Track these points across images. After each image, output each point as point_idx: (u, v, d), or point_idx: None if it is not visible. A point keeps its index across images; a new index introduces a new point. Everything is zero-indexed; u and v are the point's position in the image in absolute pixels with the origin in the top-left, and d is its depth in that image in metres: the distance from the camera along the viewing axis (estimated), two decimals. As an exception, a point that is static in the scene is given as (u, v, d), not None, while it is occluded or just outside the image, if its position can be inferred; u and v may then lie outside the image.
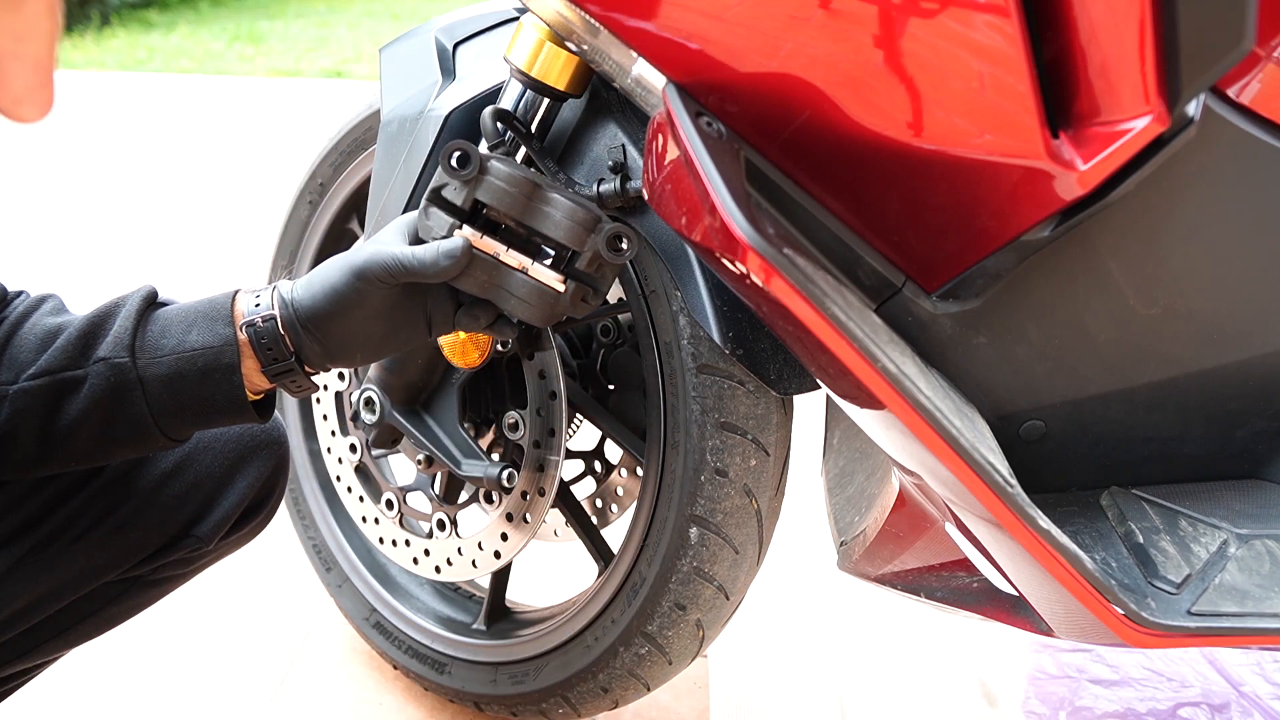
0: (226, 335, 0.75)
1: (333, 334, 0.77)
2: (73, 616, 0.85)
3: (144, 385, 0.73)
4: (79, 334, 0.74)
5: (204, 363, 0.74)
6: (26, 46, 0.41)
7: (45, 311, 0.77)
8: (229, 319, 0.75)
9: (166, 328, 0.75)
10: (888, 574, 0.89)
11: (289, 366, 0.77)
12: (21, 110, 0.42)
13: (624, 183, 0.89)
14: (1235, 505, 0.83)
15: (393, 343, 0.81)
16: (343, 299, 0.76)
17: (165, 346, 0.74)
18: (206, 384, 0.74)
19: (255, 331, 0.75)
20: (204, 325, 0.75)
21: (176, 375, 0.74)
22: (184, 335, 0.74)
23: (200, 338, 0.74)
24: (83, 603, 0.85)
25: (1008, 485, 0.68)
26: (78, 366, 0.73)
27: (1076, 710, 1.24)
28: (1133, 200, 0.72)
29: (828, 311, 0.64)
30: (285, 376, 0.77)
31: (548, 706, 1.12)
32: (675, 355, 0.92)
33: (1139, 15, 0.61)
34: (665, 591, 0.98)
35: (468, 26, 1.05)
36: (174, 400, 0.74)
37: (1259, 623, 0.73)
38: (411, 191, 1.00)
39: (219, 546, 0.89)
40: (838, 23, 0.67)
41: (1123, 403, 0.81)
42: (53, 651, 0.87)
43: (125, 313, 0.75)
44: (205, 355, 0.74)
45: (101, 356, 0.73)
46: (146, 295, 0.77)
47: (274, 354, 0.76)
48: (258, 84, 5.43)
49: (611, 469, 1.13)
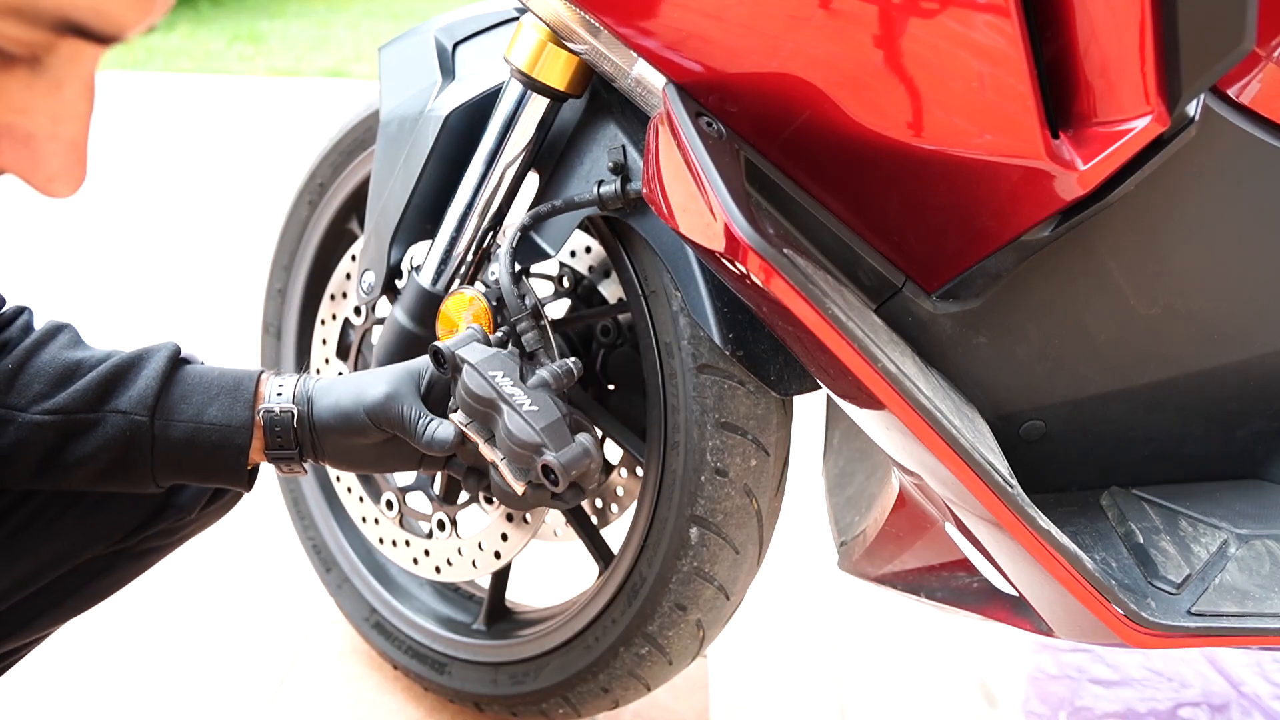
0: (244, 418, 0.79)
1: (335, 447, 0.84)
2: (60, 592, 0.86)
3: (154, 445, 0.77)
4: (100, 379, 0.76)
5: (217, 438, 0.78)
6: (64, 128, 0.42)
7: (63, 343, 0.79)
8: (250, 401, 0.80)
9: (188, 394, 0.79)
10: (888, 574, 0.89)
11: (290, 456, 0.82)
12: (55, 187, 0.43)
13: (624, 183, 0.89)
14: (1235, 505, 0.83)
15: (384, 467, 0.88)
16: (350, 425, 0.82)
17: (184, 413, 0.78)
18: (214, 456, 0.79)
19: (271, 419, 0.81)
20: (225, 401, 0.79)
21: (188, 443, 0.78)
22: (204, 406, 0.78)
23: (219, 413, 0.79)
24: (69, 578, 0.86)
25: (1008, 485, 0.68)
26: (93, 411, 0.75)
27: (1076, 710, 1.24)
28: (1133, 200, 0.72)
29: (828, 311, 0.64)
30: (283, 462, 0.83)
31: (548, 707, 1.12)
32: (675, 355, 0.92)
33: (1139, 15, 0.61)
34: (665, 592, 0.98)
35: (467, 26, 1.05)
36: (178, 463, 0.78)
37: (1259, 623, 0.73)
38: (411, 192, 1.00)
39: (201, 516, 0.91)
40: (838, 23, 0.67)
41: (1123, 403, 0.81)
42: (42, 628, 0.88)
43: (151, 369, 0.78)
44: (221, 432, 0.78)
45: (120, 409, 0.76)
46: (172, 354, 0.80)
47: (281, 442, 0.81)
48: (257, 84, 5.43)
49: (611, 469, 1.13)
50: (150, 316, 2.42)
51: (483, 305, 0.94)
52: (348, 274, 1.17)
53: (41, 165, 0.42)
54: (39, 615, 0.85)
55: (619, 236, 0.95)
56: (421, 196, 1.00)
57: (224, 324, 2.36)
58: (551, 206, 0.93)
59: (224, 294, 2.56)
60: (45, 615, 0.86)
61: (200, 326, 2.37)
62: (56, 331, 0.79)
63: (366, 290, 1.07)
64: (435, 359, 0.85)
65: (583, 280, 1.05)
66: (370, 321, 1.13)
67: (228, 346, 2.21)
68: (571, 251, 1.04)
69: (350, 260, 1.16)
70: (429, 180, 1.00)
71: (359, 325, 1.15)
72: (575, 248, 1.04)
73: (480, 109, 0.97)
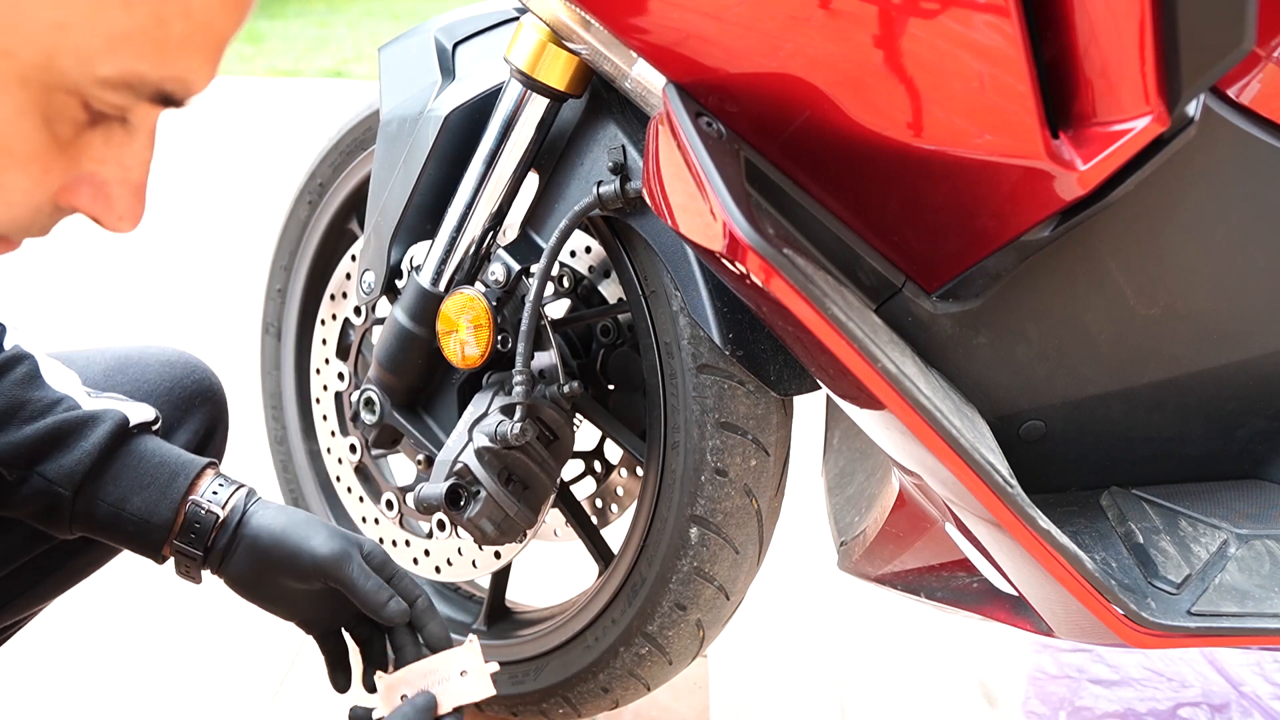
0: (166, 517, 0.77)
1: (250, 572, 0.79)
2: (39, 570, 0.86)
3: (74, 516, 0.76)
4: (37, 437, 0.75)
5: (134, 529, 0.77)
6: (132, 174, 0.47)
7: (15, 379, 0.77)
8: (179, 498, 0.77)
9: (119, 474, 0.77)
10: (888, 574, 0.89)
11: (194, 557, 0.78)
12: (122, 225, 0.48)
13: (624, 183, 0.89)
14: (1235, 505, 0.83)
15: (290, 614, 0.83)
16: (291, 563, 0.78)
17: (109, 495, 0.76)
18: (131, 543, 0.78)
19: (192, 515, 0.77)
20: (153, 494, 0.77)
21: (107, 525, 0.77)
22: (130, 493, 0.76)
23: (142, 506, 0.77)
24: (43, 559, 0.86)
25: (1008, 485, 0.68)
26: (21, 467, 0.75)
27: (1076, 710, 1.24)
28: (1133, 200, 0.72)
29: (828, 311, 0.64)
30: (183, 560, 0.79)
31: (548, 706, 1.12)
32: (675, 355, 0.92)
33: (1139, 15, 0.61)
34: (665, 591, 0.98)
35: (467, 26, 1.05)
36: (98, 533, 0.77)
37: (1259, 623, 0.73)
38: (411, 192, 1.00)
39: None
40: (837, 23, 0.67)
41: (1123, 403, 0.81)
42: (21, 611, 0.88)
43: (90, 443, 0.76)
44: (139, 525, 0.77)
45: (46, 475, 0.75)
46: (116, 425, 0.77)
47: (193, 540, 0.78)
48: (257, 84, 5.42)
49: (611, 469, 1.13)
50: (151, 316, 2.42)
51: (482, 305, 0.94)
52: (348, 274, 1.17)
53: (113, 207, 0.47)
54: (19, 595, 0.86)
55: (619, 236, 0.95)
56: (421, 196, 1.00)
57: (224, 324, 2.36)
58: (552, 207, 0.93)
59: (224, 294, 2.56)
60: (26, 595, 0.86)
61: (200, 326, 2.36)
62: (15, 363, 0.78)
63: (366, 290, 1.07)
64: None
65: (583, 280, 1.05)
66: (370, 321, 1.13)
67: (228, 347, 2.21)
68: (571, 251, 1.04)
69: (350, 260, 1.16)
70: (429, 180, 1.00)
71: (359, 325, 1.15)
72: (575, 248, 1.04)
73: (480, 109, 0.96)
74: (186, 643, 1.36)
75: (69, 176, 0.45)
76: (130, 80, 0.42)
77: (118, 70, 0.41)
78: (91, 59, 0.41)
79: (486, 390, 0.97)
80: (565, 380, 0.95)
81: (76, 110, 0.43)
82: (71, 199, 0.46)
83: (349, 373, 1.19)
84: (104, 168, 0.46)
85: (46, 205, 0.45)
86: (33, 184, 0.44)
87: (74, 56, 0.40)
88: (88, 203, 0.47)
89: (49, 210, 0.46)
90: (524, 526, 0.94)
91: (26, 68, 0.40)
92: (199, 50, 0.43)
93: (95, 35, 0.40)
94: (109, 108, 0.43)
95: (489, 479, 0.90)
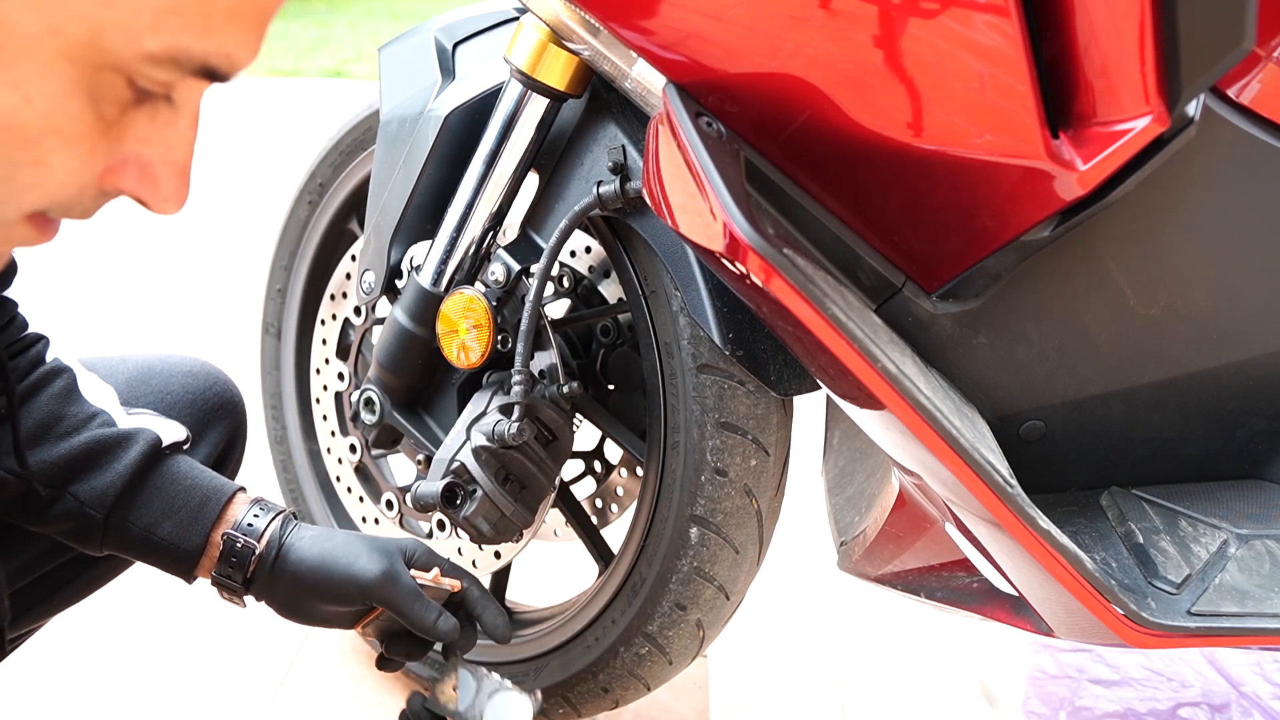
0: (197, 543, 0.77)
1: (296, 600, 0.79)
2: (53, 583, 0.87)
3: (105, 537, 0.76)
4: (70, 457, 0.75)
5: (165, 554, 0.77)
6: (177, 154, 0.46)
7: (54, 393, 0.78)
8: (210, 525, 0.77)
9: (151, 497, 0.77)
10: (888, 574, 0.89)
11: (235, 588, 0.79)
12: (167, 207, 0.47)
13: (624, 183, 0.89)
14: (1235, 505, 0.83)
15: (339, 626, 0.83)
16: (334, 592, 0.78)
17: (141, 518, 0.76)
18: (162, 565, 0.78)
19: (231, 547, 0.78)
20: (184, 519, 0.77)
21: (138, 547, 0.77)
22: (161, 518, 0.77)
23: (173, 531, 0.77)
24: (63, 569, 0.86)
25: (1008, 485, 0.68)
26: (54, 486, 0.75)
27: (1076, 710, 1.24)
28: (1133, 200, 0.71)
29: (828, 311, 0.64)
30: (226, 589, 0.79)
31: (548, 706, 1.12)
32: (675, 355, 0.92)
33: (1139, 15, 0.61)
34: (665, 591, 0.98)
35: (467, 26, 1.05)
36: (130, 554, 0.78)
37: (1259, 623, 0.73)
38: (411, 192, 1.00)
39: None
40: (837, 23, 0.67)
41: (1123, 403, 0.81)
42: (36, 619, 0.88)
43: (123, 464, 0.76)
44: (170, 551, 0.77)
45: (78, 496, 0.75)
46: (149, 447, 0.77)
47: (232, 573, 0.78)
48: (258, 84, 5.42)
49: (611, 469, 1.13)
50: (151, 316, 2.42)
51: (482, 305, 0.94)
52: (348, 274, 1.17)
53: (159, 189, 0.47)
54: (35, 605, 0.86)
55: (619, 236, 0.95)
56: (421, 196, 1.00)
57: (224, 324, 2.36)
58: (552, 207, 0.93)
59: (224, 294, 2.56)
60: (40, 605, 0.87)
61: (200, 327, 2.36)
62: (54, 376, 0.78)
63: (366, 290, 1.07)
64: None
65: (583, 280, 1.05)
66: (370, 321, 1.13)
67: (228, 347, 2.21)
68: (571, 251, 1.04)
69: (350, 260, 1.16)
70: (429, 180, 1.00)
71: (359, 325, 1.15)
72: (575, 248, 1.04)
73: (480, 109, 0.96)
74: (187, 642, 1.36)
75: (114, 158, 0.45)
76: (176, 55, 0.42)
77: (163, 45, 0.41)
78: (138, 35, 0.40)
79: (486, 390, 0.97)
80: (565, 380, 0.95)
81: (122, 89, 0.43)
82: (117, 181, 0.46)
83: (349, 373, 1.19)
84: (149, 148, 0.46)
85: (91, 187, 0.45)
86: (80, 164, 0.43)
87: (120, 32, 0.40)
88: (133, 184, 0.46)
89: (93, 193, 0.46)
90: (520, 526, 0.94)
91: (73, 45, 0.40)
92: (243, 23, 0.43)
93: (141, 10, 0.40)
94: (154, 85, 0.43)
95: (485, 478, 0.90)
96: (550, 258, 0.91)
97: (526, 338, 0.91)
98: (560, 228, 0.90)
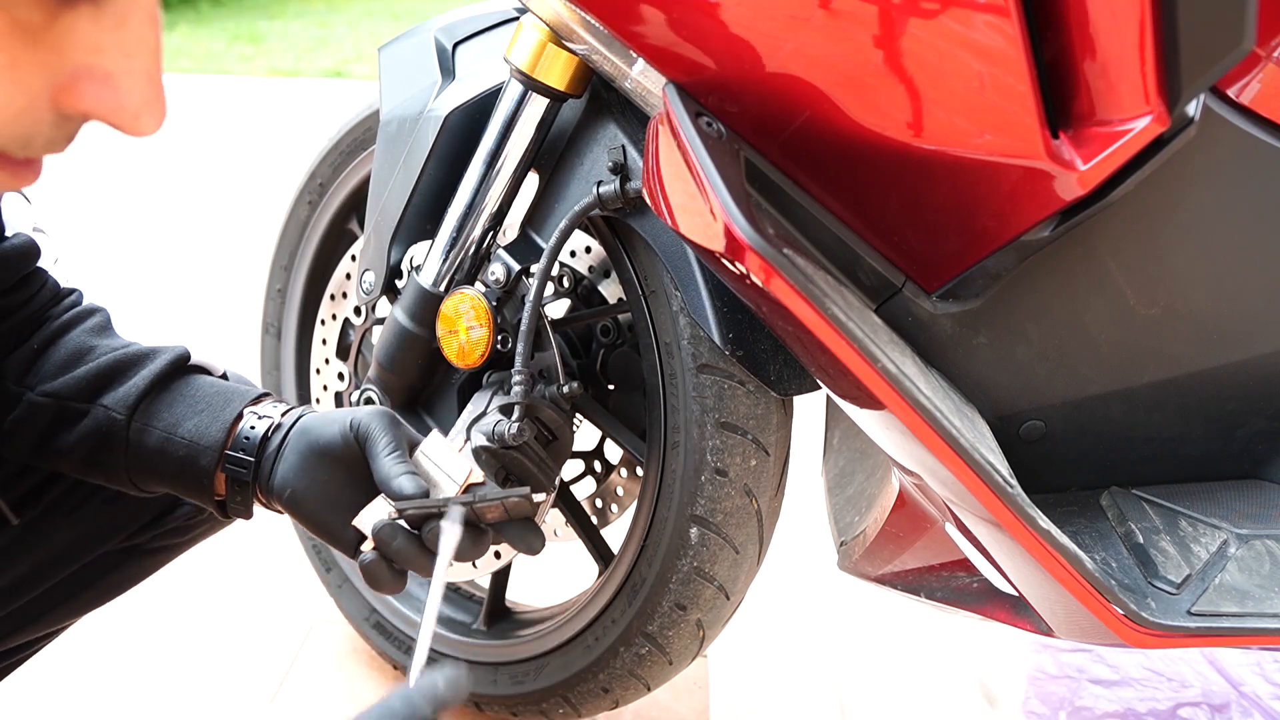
0: (216, 438, 0.74)
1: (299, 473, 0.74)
2: (75, 585, 0.86)
3: (128, 446, 0.75)
4: (98, 371, 0.76)
5: (185, 453, 0.74)
6: (137, 61, 0.41)
7: (88, 328, 0.79)
8: (231, 421, 0.75)
9: (174, 402, 0.76)
10: (888, 574, 0.89)
11: (243, 476, 0.75)
12: (140, 124, 0.42)
13: (624, 183, 0.89)
14: (1235, 505, 0.83)
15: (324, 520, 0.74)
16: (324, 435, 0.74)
17: (163, 420, 0.75)
18: (183, 472, 0.75)
19: (242, 432, 0.75)
20: (205, 417, 0.75)
21: (159, 452, 0.75)
22: (183, 418, 0.75)
23: (193, 429, 0.75)
24: (84, 572, 0.86)
25: (1008, 485, 0.68)
26: (84, 400, 0.75)
27: (1076, 710, 1.24)
28: (1133, 200, 0.72)
29: (828, 311, 0.64)
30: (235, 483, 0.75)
31: (548, 706, 1.12)
32: (675, 355, 0.92)
33: (1139, 15, 0.61)
34: (665, 591, 0.98)
35: (467, 26, 1.05)
36: (151, 470, 0.76)
37: (1259, 623, 0.73)
38: (411, 192, 1.00)
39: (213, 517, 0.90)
40: (838, 23, 0.67)
41: (1123, 403, 0.81)
42: (57, 622, 0.88)
43: (148, 370, 0.76)
44: (189, 448, 0.74)
45: (105, 405, 0.75)
46: (176, 357, 0.77)
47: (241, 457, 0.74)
48: (258, 84, 5.42)
49: (611, 469, 1.13)
50: (152, 316, 2.42)
51: (482, 305, 0.94)
52: (348, 274, 1.17)
53: (125, 102, 0.41)
54: (57, 606, 0.86)
55: (619, 236, 0.95)
56: (421, 196, 1.00)
57: (224, 324, 2.36)
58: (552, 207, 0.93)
59: (224, 294, 2.56)
60: (62, 607, 0.87)
61: (201, 326, 2.37)
62: (88, 315, 0.80)
63: (366, 290, 1.07)
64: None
65: (583, 280, 1.05)
66: (370, 321, 1.13)
67: (228, 346, 2.21)
68: (571, 251, 1.04)
69: (350, 260, 1.16)
70: (429, 180, 1.00)
71: (359, 325, 1.15)
72: (575, 248, 1.04)
73: (480, 109, 0.96)
74: (187, 642, 1.36)
75: (61, 73, 0.40)
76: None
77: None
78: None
79: (486, 390, 0.97)
80: (565, 380, 0.95)
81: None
82: (73, 100, 0.40)
83: (349, 373, 1.19)
84: (102, 57, 0.40)
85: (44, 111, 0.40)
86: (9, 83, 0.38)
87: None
88: (93, 101, 0.41)
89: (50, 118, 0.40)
90: None
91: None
92: None
93: None
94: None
95: (486, 478, 0.90)
96: (550, 258, 0.91)
97: (526, 338, 0.91)
98: (560, 228, 0.90)
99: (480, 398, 0.96)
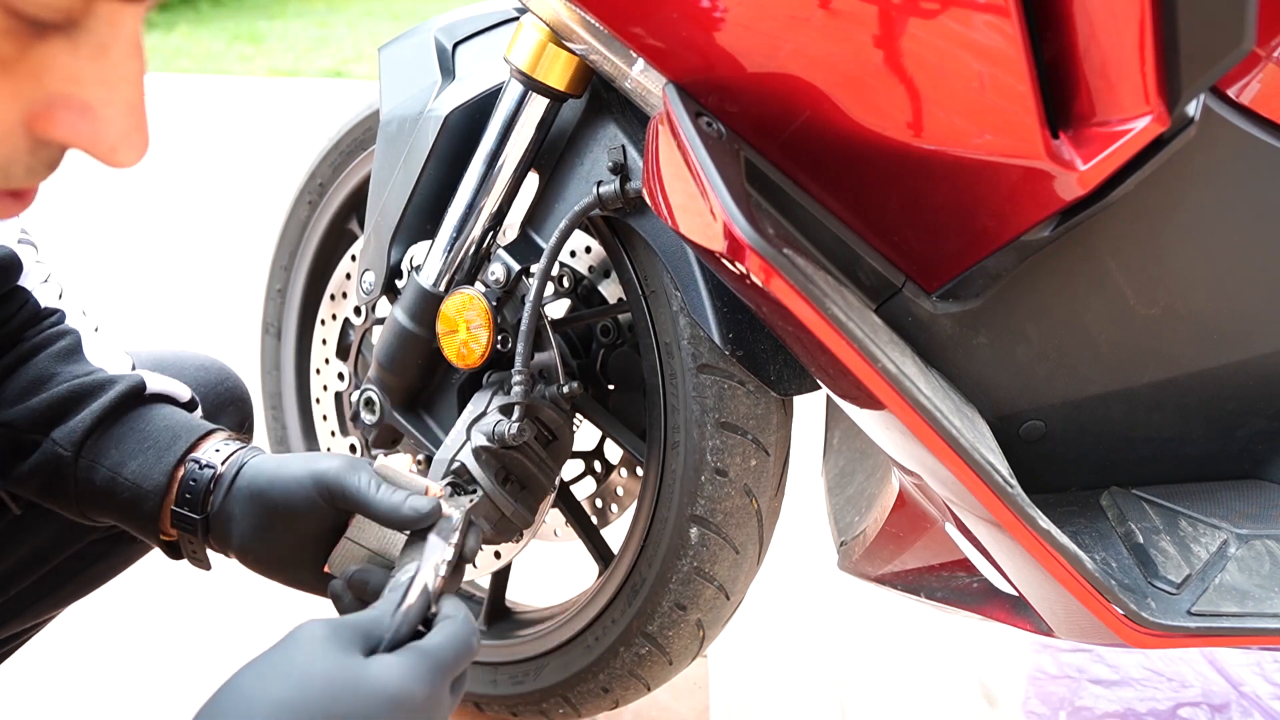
0: (159, 482, 0.71)
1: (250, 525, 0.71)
2: (61, 576, 0.86)
3: (77, 482, 0.72)
4: (51, 402, 0.73)
5: (129, 496, 0.72)
6: (118, 92, 0.40)
7: (53, 353, 0.75)
8: (175, 462, 0.72)
9: (123, 438, 0.72)
10: (888, 574, 0.89)
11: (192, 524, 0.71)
12: (119, 157, 0.41)
13: (624, 183, 0.89)
14: (1235, 505, 0.83)
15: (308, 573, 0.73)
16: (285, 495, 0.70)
17: (110, 459, 0.72)
18: (128, 513, 0.73)
19: (189, 474, 0.71)
20: (150, 457, 0.72)
21: (105, 491, 0.72)
22: (128, 457, 0.72)
23: (137, 470, 0.71)
24: (69, 562, 0.86)
25: (1008, 485, 0.68)
26: (36, 432, 0.72)
27: (1076, 710, 1.24)
28: (1133, 200, 0.72)
29: (828, 311, 0.64)
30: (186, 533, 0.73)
31: (548, 706, 1.12)
32: (675, 355, 0.92)
33: (1139, 15, 0.61)
34: (665, 591, 0.98)
35: (467, 26, 1.05)
36: (99, 505, 0.73)
37: (1259, 623, 0.73)
38: (411, 192, 1.00)
39: None
40: (838, 23, 0.67)
41: (1123, 403, 0.81)
42: (45, 612, 0.88)
43: (96, 405, 0.72)
44: (132, 491, 0.71)
45: (54, 439, 0.72)
46: (125, 391, 0.74)
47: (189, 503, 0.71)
48: (258, 84, 5.43)
49: (611, 469, 1.13)
50: (151, 317, 2.42)
51: (483, 305, 0.94)
52: (348, 274, 1.17)
53: (103, 134, 0.40)
54: (44, 597, 0.86)
55: (619, 236, 0.95)
56: (421, 196, 1.00)
57: (224, 324, 2.36)
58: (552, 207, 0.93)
59: (224, 294, 2.56)
60: (49, 598, 0.87)
61: (200, 326, 2.36)
62: (57, 338, 0.77)
63: (366, 290, 1.07)
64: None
65: (583, 280, 1.05)
66: (370, 321, 1.13)
67: (228, 347, 2.21)
68: (571, 251, 1.04)
69: (350, 260, 1.16)
70: (429, 180, 1.00)
71: (359, 325, 1.15)
72: (575, 248, 1.04)
73: (480, 109, 0.96)
74: (187, 642, 1.36)
75: (35, 101, 0.39)
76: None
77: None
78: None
79: (486, 390, 0.97)
80: (565, 380, 0.95)
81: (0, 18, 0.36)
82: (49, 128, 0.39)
83: (349, 373, 1.19)
84: (79, 87, 0.39)
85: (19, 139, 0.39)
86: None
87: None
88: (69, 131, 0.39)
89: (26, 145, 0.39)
90: (521, 526, 0.94)
91: None
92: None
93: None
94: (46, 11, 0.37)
95: (486, 478, 0.90)
96: (550, 258, 0.91)
97: (526, 338, 0.91)
98: (560, 228, 0.90)
99: (480, 398, 0.96)
